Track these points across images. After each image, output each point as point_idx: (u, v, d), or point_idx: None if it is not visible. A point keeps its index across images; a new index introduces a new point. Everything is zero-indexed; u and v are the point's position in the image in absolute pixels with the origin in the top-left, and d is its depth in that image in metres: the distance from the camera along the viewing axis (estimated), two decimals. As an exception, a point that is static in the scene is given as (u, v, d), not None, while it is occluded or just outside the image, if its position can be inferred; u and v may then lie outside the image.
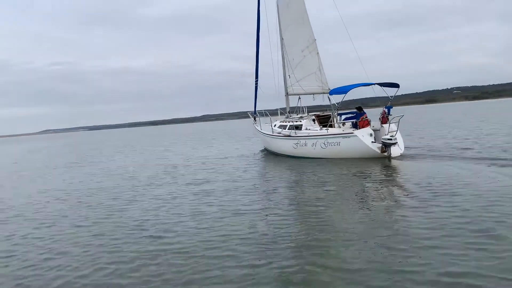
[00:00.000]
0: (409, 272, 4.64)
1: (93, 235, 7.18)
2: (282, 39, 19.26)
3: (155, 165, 18.06)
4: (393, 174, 11.44)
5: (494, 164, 11.15)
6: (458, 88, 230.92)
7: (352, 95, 16.04)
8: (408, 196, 8.40)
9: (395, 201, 8.12)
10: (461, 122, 33.08)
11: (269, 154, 19.27)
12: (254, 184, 11.21)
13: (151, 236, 6.82)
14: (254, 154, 20.09)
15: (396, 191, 9.12)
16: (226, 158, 18.98)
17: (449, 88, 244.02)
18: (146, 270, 5.29)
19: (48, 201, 10.92)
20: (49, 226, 8.08)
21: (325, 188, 9.93)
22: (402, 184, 9.79)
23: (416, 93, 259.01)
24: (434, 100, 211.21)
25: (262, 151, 20.90)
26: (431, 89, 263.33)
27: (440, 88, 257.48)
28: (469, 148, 14.95)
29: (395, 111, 15.85)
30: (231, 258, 5.47)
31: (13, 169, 21.83)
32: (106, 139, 65.61)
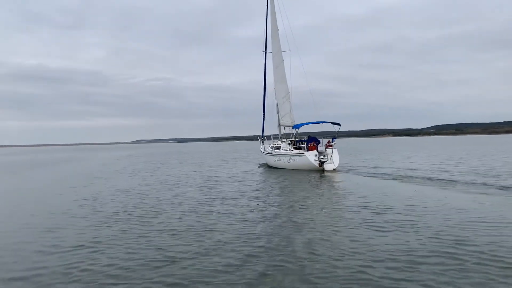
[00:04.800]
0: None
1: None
2: (275, 88, 28.27)
3: (200, 176, 21.29)
4: (322, 181, 17.83)
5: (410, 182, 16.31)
6: None
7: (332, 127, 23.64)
8: (324, 192, 14.47)
9: (316, 196, 13.49)
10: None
11: (265, 166, 26.97)
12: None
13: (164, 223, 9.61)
14: (260, 166, 27.17)
15: (320, 191, 14.76)
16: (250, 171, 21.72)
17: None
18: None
19: (107, 196, 14.50)
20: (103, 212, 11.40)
21: (281, 186, 16.49)
22: (324, 187, 15.90)
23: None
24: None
25: (262, 164, 28.52)
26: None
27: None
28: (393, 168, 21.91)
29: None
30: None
31: (98, 170, 27.00)
32: (185, 151, 72.43)
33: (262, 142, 29.54)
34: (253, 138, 32.46)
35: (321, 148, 23.10)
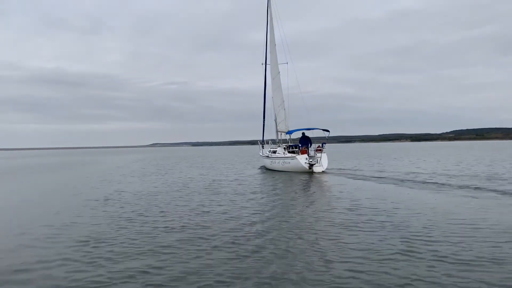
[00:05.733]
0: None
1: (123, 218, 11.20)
2: (272, 97, 31.46)
3: (202, 179, 22.27)
4: (311, 180, 20.62)
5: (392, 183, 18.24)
6: None
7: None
8: (311, 188, 17.34)
9: (305, 192, 16.22)
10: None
11: (263, 168, 29.80)
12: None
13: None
14: (259, 169, 29.90)
15: (308, 188, 17.38)
16: (250, 175, 22.81)
17: None
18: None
19: (115, 197, 15.54)
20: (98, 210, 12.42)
21: (275, 183, 19.78)
22: (312, 184, 18.72)
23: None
24: None
25: (261, 167, 31.48)
26: None
27: None
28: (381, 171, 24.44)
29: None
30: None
31: (110, 172, 28.29)
32: (198, 155, 73.81)
33: (263, 147, 32.41)
34: (267, 142, 33.92)
35: (311, 152, 25.80)
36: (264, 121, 32.69)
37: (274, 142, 31.95)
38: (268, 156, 28.85)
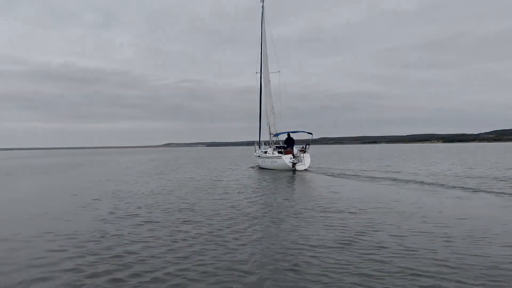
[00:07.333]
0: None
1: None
2: (265, 103, 35.72)
3: (203, 179, 23.36)
4: (293, 177, 24.38)
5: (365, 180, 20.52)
6: None
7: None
8: (292, 184, 20.40)
9: (291, 188, 18.74)
10: None
11: (257, 167, 33.80)
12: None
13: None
14: (254, 168, 33.83)
15: (289, 185, 20.21)
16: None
17: None
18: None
19: (115, 196, 16.76)
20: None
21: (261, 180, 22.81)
22: (294, 180, 22.15)
23: None
24: None
25: (255, 166, 35.24)
26: None
27: None
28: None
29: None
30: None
31: (114, 173, 29.78)
32: (209, 156, 75.23)
33: (259, 147, 36.17)
34: (263, 143, 36.87)
35: (296, 152, 30.51)
36: (260, 124, 37.55)
37: (267, 143, 36.12)
38: (259, 156, 33.65)
